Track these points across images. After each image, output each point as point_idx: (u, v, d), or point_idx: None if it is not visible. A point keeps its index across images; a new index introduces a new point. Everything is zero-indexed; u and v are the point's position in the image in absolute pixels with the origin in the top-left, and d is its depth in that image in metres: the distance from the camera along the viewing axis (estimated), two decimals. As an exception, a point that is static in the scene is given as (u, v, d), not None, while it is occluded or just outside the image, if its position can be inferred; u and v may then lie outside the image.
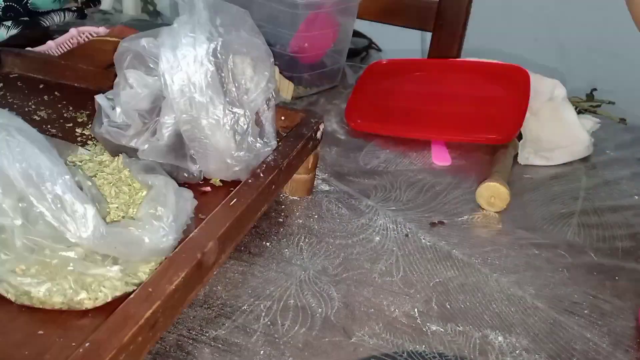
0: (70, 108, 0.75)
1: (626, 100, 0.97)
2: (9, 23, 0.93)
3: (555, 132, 0.85)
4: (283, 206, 0.68)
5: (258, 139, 0.59)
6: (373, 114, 0.88)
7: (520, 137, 0.84)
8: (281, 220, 0.66)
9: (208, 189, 0.60)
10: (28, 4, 0.96)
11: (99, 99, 0.59)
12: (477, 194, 0.72)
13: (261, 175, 0.57)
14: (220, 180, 0.61)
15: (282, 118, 0.70)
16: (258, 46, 0.60)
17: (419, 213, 0.70)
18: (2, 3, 0.92)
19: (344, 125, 0.88)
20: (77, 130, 0.70)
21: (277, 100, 0.62)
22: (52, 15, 1.01)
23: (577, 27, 1.46)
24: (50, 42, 0.91)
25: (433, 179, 0.77)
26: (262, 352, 0.49)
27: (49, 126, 0.70)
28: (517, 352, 0.51)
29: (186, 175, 0.59)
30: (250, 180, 0.56)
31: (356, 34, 1.11)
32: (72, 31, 0.95)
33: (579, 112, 0.89)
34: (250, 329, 0.51)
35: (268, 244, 0.62)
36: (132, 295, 0.42)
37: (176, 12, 0.57)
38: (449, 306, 0.56)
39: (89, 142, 0.67)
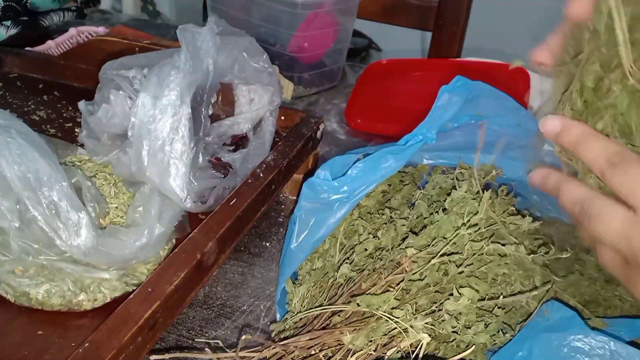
0: (70, 108, 0.75)
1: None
2: (8, 23, 0.92)
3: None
4: (283, 206, 0.68)
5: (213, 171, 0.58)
6: (373, 114, 0.88)
7: (520, 137, 0.84)
8: (281, 220, 0.65)
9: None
10: (27, 4, 0.96)
11: (81, 105, 0.58)
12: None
13: (261, 175, 0.57)
14: None
15: (282, 118, 0.70)
16: (261, 70, 0.60)
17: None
18: (2, 3, 0.92)
19: (344, 125, 0.88)
20: (76, 130, 0.69)
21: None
22: (52, 15, 1.01)
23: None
24: (49, 42, 0.91)
25: (433, 179, 0.77)
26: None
27: (48, 126, 0.70)
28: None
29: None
30: (250, 180, 0.56)
31: (356, 34, 1.11)
32: (72, 31, 0.95)
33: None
34: (250, 329, 0.51)
35: (268, 244, 0.61)
36: (131, 296, 0.42)
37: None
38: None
39: (89, 142, 0.67)
